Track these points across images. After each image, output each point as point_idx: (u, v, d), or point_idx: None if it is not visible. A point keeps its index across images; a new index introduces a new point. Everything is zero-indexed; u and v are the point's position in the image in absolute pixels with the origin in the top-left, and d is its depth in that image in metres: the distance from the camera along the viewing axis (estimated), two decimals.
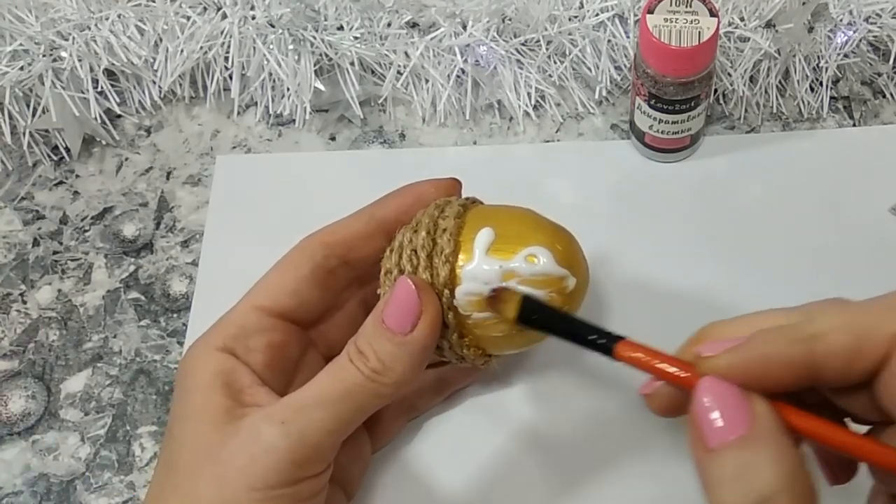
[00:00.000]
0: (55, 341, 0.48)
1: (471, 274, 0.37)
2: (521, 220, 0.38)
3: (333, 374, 0.35)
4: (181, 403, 0.37)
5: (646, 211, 0.50)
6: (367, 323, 0.36)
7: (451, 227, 0.37)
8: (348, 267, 0.40)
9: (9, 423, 0.46)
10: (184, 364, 0.38)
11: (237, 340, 0.37)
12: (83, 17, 0.51)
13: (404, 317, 0.35)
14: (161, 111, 0.55)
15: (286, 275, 0.39)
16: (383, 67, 0.53)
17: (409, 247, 0.37)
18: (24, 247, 0.51)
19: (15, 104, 0.51)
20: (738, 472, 0.28)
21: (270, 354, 0.38)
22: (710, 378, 0.30)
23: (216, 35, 0.51)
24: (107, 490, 0.44)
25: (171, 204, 0.52)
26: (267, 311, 0.38)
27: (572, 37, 0.51)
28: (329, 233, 0.40)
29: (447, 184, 0.41)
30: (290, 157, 0.53)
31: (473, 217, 0.38)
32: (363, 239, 0.40)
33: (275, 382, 0.38)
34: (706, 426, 0.29)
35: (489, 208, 0.40)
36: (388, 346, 0.35)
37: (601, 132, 0.53)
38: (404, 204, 0.40)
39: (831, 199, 0.50)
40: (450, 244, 0.37)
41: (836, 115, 0.53)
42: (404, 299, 0.36)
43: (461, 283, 0.37)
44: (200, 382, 0.36)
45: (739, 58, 0.50)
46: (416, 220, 0.38)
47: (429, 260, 0.37)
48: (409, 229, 0.38)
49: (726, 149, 0.52)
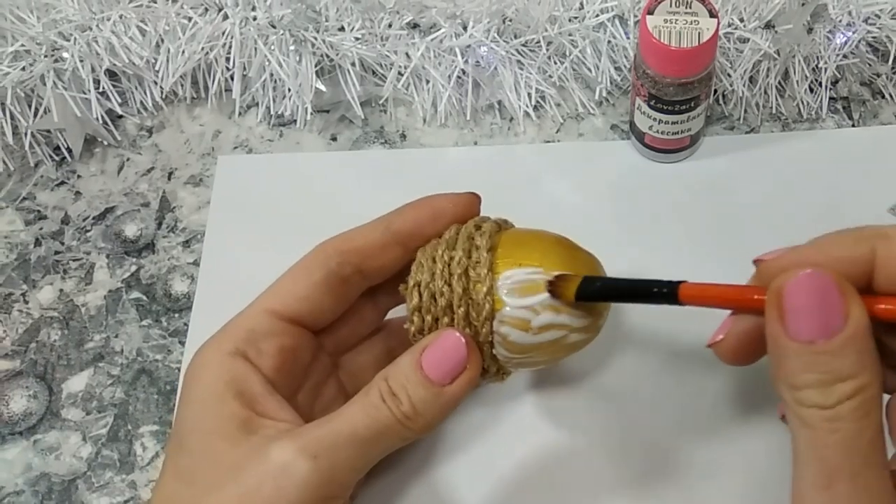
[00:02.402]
0: (57, 341, 0.48)
1: (508, 316, 0.36)
2: (555, 252, 0.38)
3: (366, 412, 0.35)
4: (191, 411, 0.36)
5: (646, 211, 0.50)
6: (403, 364, 0.36)
7: (484, 261, 0.37)
8: (362, 276, 0.39)
9: (10, 423, 0.46)
10: (192, 369, 0.37)
11: (249, 343, 0.37)
12: (85, 18, 0.51)
13: (447, 371, 0.35)
14: (162, 112, 0.55)
15: (299, 280, 0.39)
16: (384, 68, 0.53)
17: (442, 278, 0.37)
18: (25, 247, 0.51)
19: (17, 104, 0.51)
20: (825, 370, 0.28)
21: (281, 358, 0.38)
22: (804, 273, 0.29)
23: (217, 36, 0.52)
24: (108, 489, 0.44)
25: (172, 204, 0.52)
26: (278, 314, 0.38)
27: (572, 37, 0.51)
28: (344, 240, 0.39)
29: (466, 199, 0.40)
30: (292, 158, 0.54)
31: (506, 247, 0.38)
32: (379, 249, 0.39)
33: (284, 387, 0.38)
34: (795, 320, 0.28)
35: (522, 236, 0.39)
36: (425, 394, 0.35)
37: (601, 132, 0.53)
38: (422, 217, 0.39)
39: (831, 199, 0.50)
40: (486, 283, 0.36)
41: (836, 115, 0.53)
42: (451, 353, 0.36)
43: (502, 325, 0.36)
44: (212, 390, 0.36)
45: (739, 58, 0.51)
46: (447, 243, 0.38)
47: (465, 296, 0.36)
48: (440, 251, 0.37)
49: (726, 149, 0.52)
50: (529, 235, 0.39)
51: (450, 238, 0.38)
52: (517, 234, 0.39)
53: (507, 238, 0.38)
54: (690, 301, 0.33)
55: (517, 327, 0.36)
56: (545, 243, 0.38)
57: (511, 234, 0.39)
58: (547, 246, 0.38)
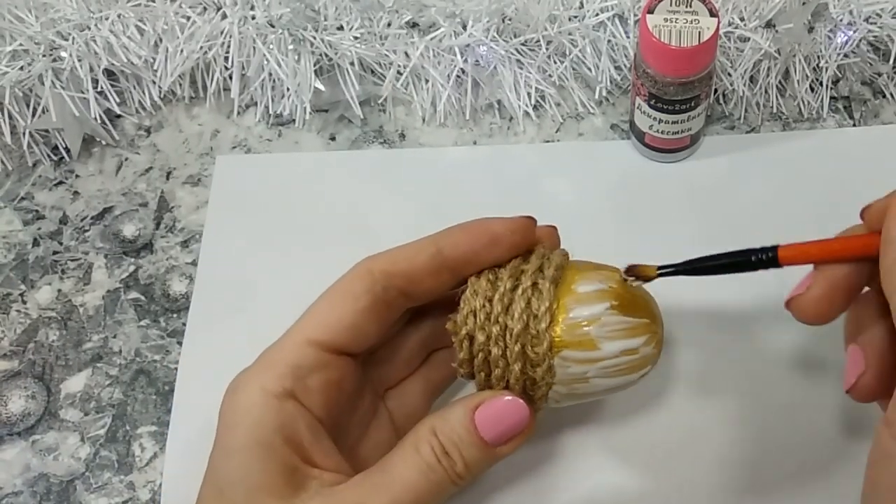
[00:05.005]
0: (55, 341, 0.48)
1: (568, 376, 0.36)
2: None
3: (423, 474, 0.34)
4: (236, 461, 0.34)
5: (646, 211, 0.50)
6: (455, 422, 0.35)
7: (542, 337, 0.35)
8: (406, 298, 0.37)
9: (9, 424, 0.46)
10: (234, 410, 0.35)
11: (296, 381, 0.35)
12: (83, 17, 0.51)
13: (503, 433, 0.35)
14: (161, 111, 0.55)
15: (345, 306, 0.36)
16: (383, 67, 0.53)
17: (497, 330, 0.35)
18: (23, 247, 0.51)
19: (15, 104, 0.51)
20: None
21: (328, 394, 0.36)
22: None
23: (216, 35, 0.51)
24: (107, 490, 0.44)
25: (170, 204, 0.52)
26: (323, 345, 0.36)
27: (572, 37, 0.51)
28: (390, 262, 0.37)
29: (523, 225, 0.38)
30: (290, 158, 0.53)
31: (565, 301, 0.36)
32: (427, 275, 0.37)
33: (332, 423, 0.36)
34: None
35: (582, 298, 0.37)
36: (479, 455, 0.34)
37: (601, 132, 0.53)
38: (476, 244, 0.37)
39: (831, 198, 0.50)
40: (544, 342, 0.35)
41: (836, 115, 0.53)
42: (508, 417, 0.35)
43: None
44: (258, 438, 0.34)
45: (739, 58, 0.50)
46: (500, 301, 0.36)
47: (522, 350, 0.35)
48: (495, 311, 0.36)
49: (726, 149, 0.52)
50: (593, 295, 0.37)
51: (504, 294, 0.36)
52: (580, 296, 0.36)
53: (568, 298, 0.36)
54: (791, 261, 0.34)
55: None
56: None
57: (573, 295, 0.36)
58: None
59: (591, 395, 0.38)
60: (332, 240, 0.49)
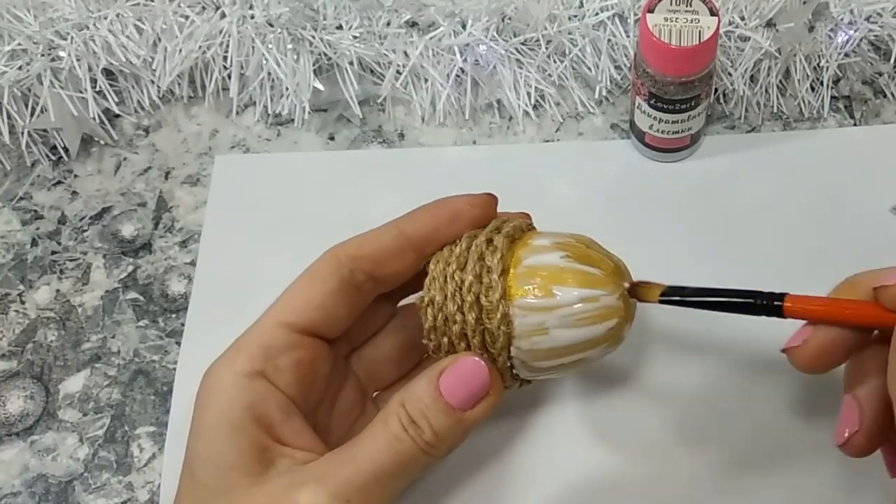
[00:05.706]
0: (53, 342, 0.48)
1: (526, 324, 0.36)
2: (571, 273, 0.36)
3: (390, 445, 0.34)
4: (206, 441, 0.35)
5: (646, 211, 0.50)
6: (421, 390, 0.35)
7: (496, 286, 0.35)
8: (375, 282, 0.38)
9: (7, 424, 0.46)
10: (205, 392, 0.36)
11: (266, 361, 0.36)
12: (81, 17, 0.51)
13: (468, 397, 0.35)
14: (159, 111, 0.55)
15: (312, 288, 0.37)
16: (382, 67, 0.53)
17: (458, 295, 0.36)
18: (22, 247, 0.51)
19: (13, 104, 0.51)
20: None
21: (300, 373, 0.36)
22: None
23: (215, 34, 0.51)
24: (105, 491, 0.44)
25: (169, 204, 0.52)
26: (293, 327, 0.37)
27: (572, 36, 0.51)
28: (356, 245, 0.38)
29: (482, 200, 0.39)
30: (289, 157, 0.53)
31: (521, 259, 0.36)
32: (392, 255, 0.37)
33: (304, 402, 0.37)
34: None
35: (538, 248, 0.37)
36: (446, 421, 0.34)
37: (601, 132, 0.53)
38: (437, 220, 0.38)
39: (831, 199, 0.49)
40: (500, 309, 0.35)
41: (837, 114, 0.53)
42: (471, 379, 0.35)
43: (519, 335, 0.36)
44: (228, 417, 0.34)
45: (740, 57, 0.50)
46: (457, 261, 0.36)
47: (480, 316, 0.35)
48: (451, 269, 0.36)
49: (726, 148, 0.52)
50: (548, 246, 0.37)
51: (460, 254, 0.36)
52: (534, 247, 0.37)
53: (523, 249, 0.37)
54: (794, 316, 0.33)
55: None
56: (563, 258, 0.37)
57: (528, 247, 0.37)
58: (564, 265, 0.36)
59: (560, 358, 0.36)
60: (331, 240, 0.49)
